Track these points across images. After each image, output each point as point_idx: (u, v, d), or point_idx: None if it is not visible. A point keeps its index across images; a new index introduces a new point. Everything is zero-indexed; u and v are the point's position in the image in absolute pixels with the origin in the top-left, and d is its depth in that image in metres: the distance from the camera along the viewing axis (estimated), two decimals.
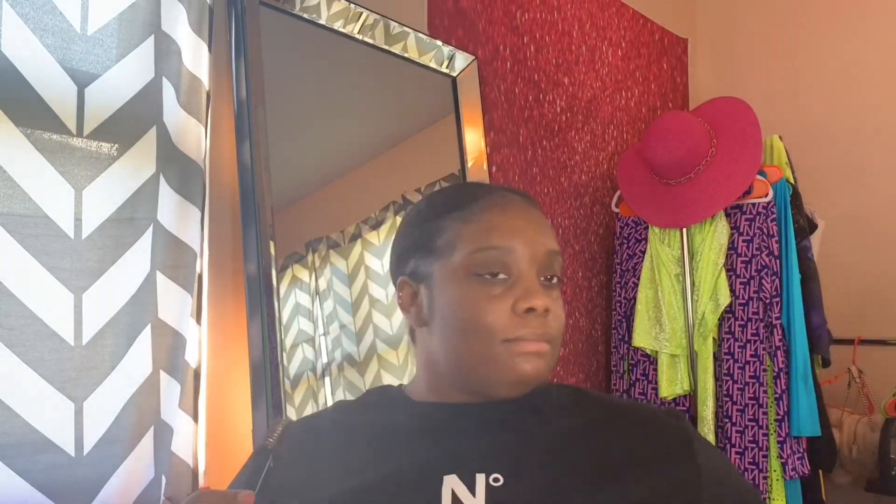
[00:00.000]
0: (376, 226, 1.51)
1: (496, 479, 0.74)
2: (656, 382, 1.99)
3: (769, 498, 1.86)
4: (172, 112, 1.13)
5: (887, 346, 2.22)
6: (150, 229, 1.09)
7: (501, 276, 0.78)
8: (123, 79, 1.07)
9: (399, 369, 1.48)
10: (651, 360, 2.03)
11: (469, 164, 1.72)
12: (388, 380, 1.46)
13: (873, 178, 2.35)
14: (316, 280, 1.38)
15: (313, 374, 1.34)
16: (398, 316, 1.46)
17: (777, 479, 1.87)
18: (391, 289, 1.47)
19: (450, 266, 0.79)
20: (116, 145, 1.06)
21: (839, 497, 2.20)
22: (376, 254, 1.49)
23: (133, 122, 1.07)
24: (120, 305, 1.05)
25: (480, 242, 0.79)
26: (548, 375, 0.79)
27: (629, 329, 2.06)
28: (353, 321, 1.44)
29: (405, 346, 1.49)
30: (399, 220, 1.55)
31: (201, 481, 1.18)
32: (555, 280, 0.81)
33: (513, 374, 0.76)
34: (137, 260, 1.07)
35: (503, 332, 0.76)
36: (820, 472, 2.00)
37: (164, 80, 1.12)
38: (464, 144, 1.72)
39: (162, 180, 1.11)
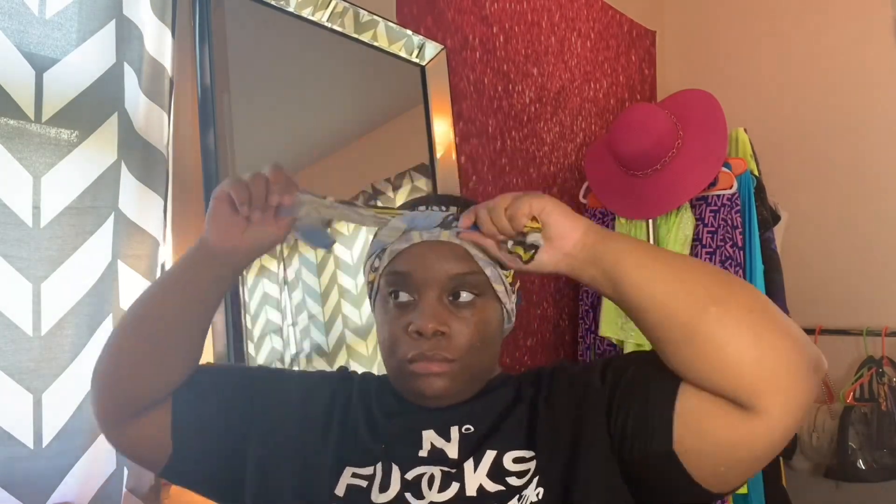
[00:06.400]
0: None
1: (467, 429, 0.81)
2: None
3: None
4: (134, 98, 1.11)
5: (847, 336, 2.27)
6: (111, 218, 1.07)
7: (405, 296, 0.81)
8: (83, 64, 1.05)
9: (368, 360, 1.47)
10: (617, 349, 2.05)
11: (438, 155, 1.71)
12: (357, 370, 1.45)
13: (836, 171, 2.39)
14: (284, 270, 1.37)
15: (281, 363, 1.33)
16: (367, 306, 1.45)
17: None
18: (360, 279, 1.47)
19: (378, 282, 0.84)
20: (76, 132, 1.04)
21: (800, 484, 2.25)
22: (346, 244, 1.48)
23: (94, 108, 1.05)
24: (80, 295, 1.03)
25: (386, 264, 0.82)
26: (457, 391, 0.80)
27: (596, 319, 2.08)
28: (322, 311, 1.43)
29: (374, 336, 1.49)
30: None
31: None
32: (464, 298, 0.80)
33: (418, 392, 0.80)
34: (98, 249, 1.05)
35: (403, 351, 0.79)
36: (780, 458, 2.04)
37: (126, 66, 1.10)
38: (433, 134, 1.72)
39: (123, 168, 1.09)
